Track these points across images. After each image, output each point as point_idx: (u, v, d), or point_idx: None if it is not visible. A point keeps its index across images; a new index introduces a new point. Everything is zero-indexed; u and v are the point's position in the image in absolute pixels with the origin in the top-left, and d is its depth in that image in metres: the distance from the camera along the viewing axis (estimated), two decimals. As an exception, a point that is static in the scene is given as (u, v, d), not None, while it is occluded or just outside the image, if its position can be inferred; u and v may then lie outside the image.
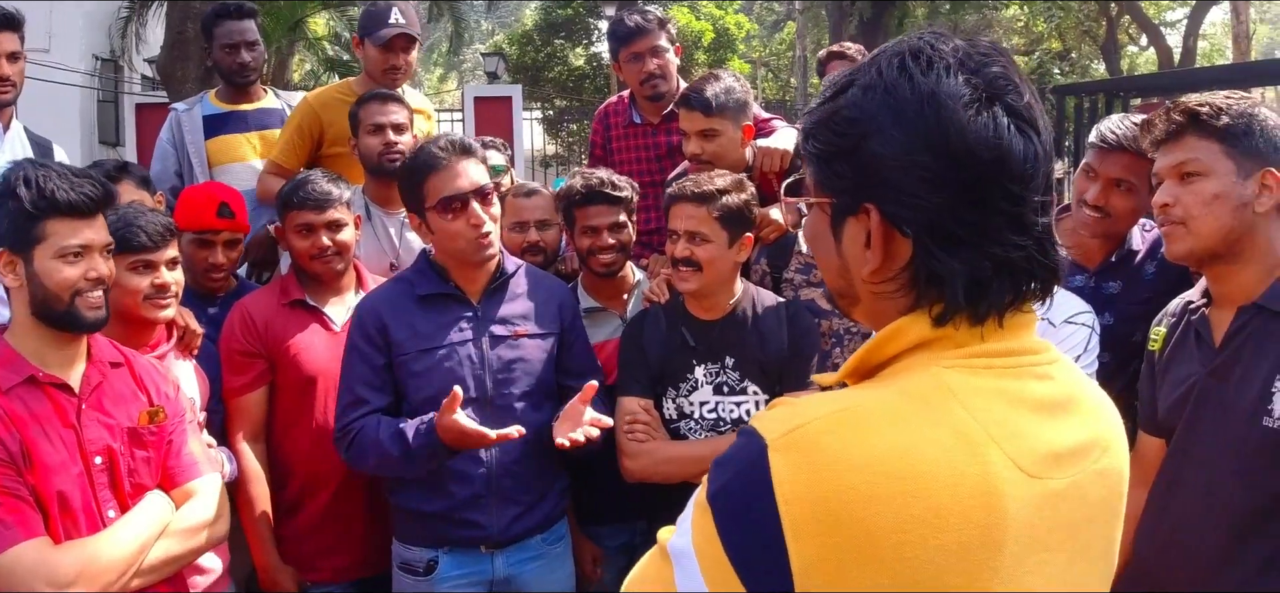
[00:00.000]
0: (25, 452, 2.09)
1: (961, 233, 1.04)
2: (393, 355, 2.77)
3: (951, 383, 1.03)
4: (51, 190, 2.14)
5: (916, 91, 1.04)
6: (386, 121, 3.55)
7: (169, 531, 2.27)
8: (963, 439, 0.99)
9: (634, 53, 3.99)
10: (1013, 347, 1.09)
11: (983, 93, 1.04)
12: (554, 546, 2.92)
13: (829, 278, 1.20)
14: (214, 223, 3.21)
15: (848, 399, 1.03)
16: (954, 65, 1.05)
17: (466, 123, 15.32)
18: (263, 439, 3.08)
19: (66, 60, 13.73)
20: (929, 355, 1.07)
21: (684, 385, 2.92)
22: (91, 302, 2.20)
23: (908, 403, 1.02)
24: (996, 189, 1.03)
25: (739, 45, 25.72)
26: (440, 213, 2.73)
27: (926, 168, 1.03)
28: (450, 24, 19.69)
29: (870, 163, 1.06)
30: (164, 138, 4.30)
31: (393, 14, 3.96)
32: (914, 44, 1.08)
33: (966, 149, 1.02)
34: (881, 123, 1.06)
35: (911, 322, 1.08)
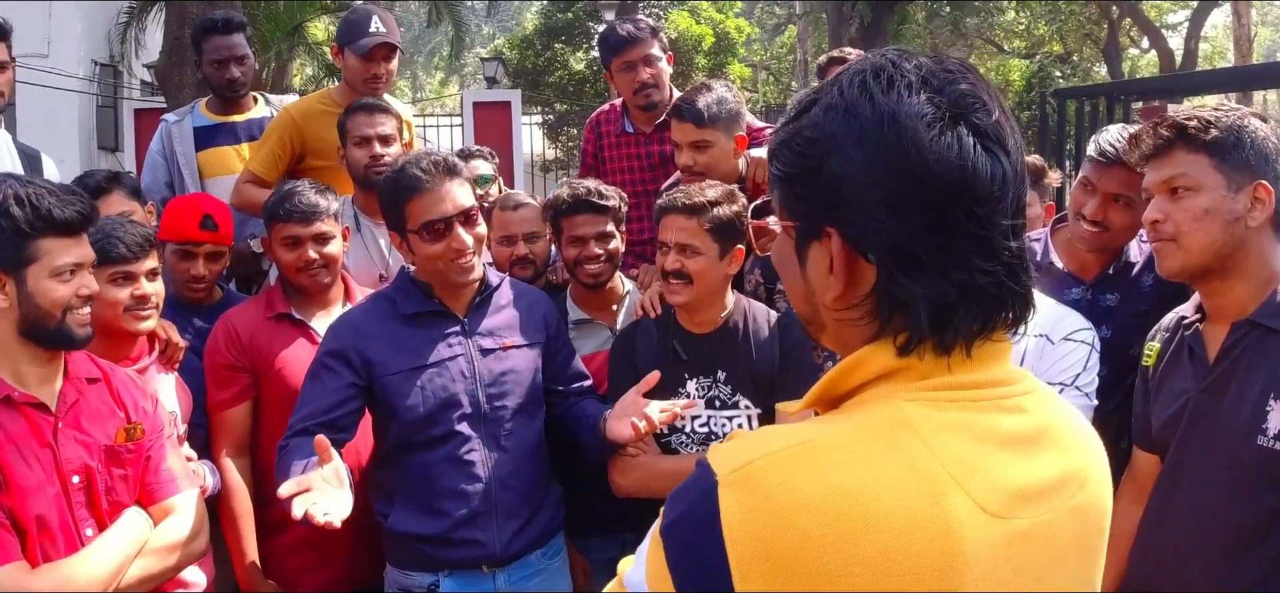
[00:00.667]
0: (1, 475, 2.05)
1: (925, 257, 1.00)
2: (373, 377, 2.68)
3: (913, 417, 0.99)
4: (48, 209, 2.11)
5: (876, 111, 1.01)
6: (373, 133, 3.51)
7: (147, 549, 2.24)
8: (920, 478, 0.95)
9: (626, 62, 3.96)
10: (981, 378, 1.04)
11: (947, 112, 1.00)
12: (553, 560, 2.89)
13: (795, 302, 1.17)
14: (196, 235, 3.17)
15: (803, 434, 0.99)
16: (916, 84, 1.01)
17: (466, 128, 15.30)
18: (247, 454, 3.04)
19: (65, 65, 13.72)
20: (892, 387, 1.03)
21: (675, 399, 2.87)
22: (81, 319, 2.18)
23: (865, 439, 0.98)
24: (961, 211, 0.99)
25: (739, 49, 25.68)
26: (423, 237, 2.66)
27: (887, 189, 1.00)
28: (450, 28, 19.68)
29: (831, 185, 1.03)
30: (154, 148, 4.29)
31: (373, 22, 3.90)
32: (876, 62, 1.04)
33: (928, 170, 0.98)
34: (841, 143, 1.02)
35: (874, 351, 1.04)
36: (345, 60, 3.97)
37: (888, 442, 0.97)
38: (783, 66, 32.37)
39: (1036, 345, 2.53)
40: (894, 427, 0.99)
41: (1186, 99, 20.03)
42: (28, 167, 3.78)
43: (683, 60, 20.80)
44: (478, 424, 2.71)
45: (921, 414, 1.00)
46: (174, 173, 4.19)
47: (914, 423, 0.99)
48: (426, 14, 19.69)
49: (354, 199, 3.64)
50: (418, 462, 2.71)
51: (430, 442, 2.70)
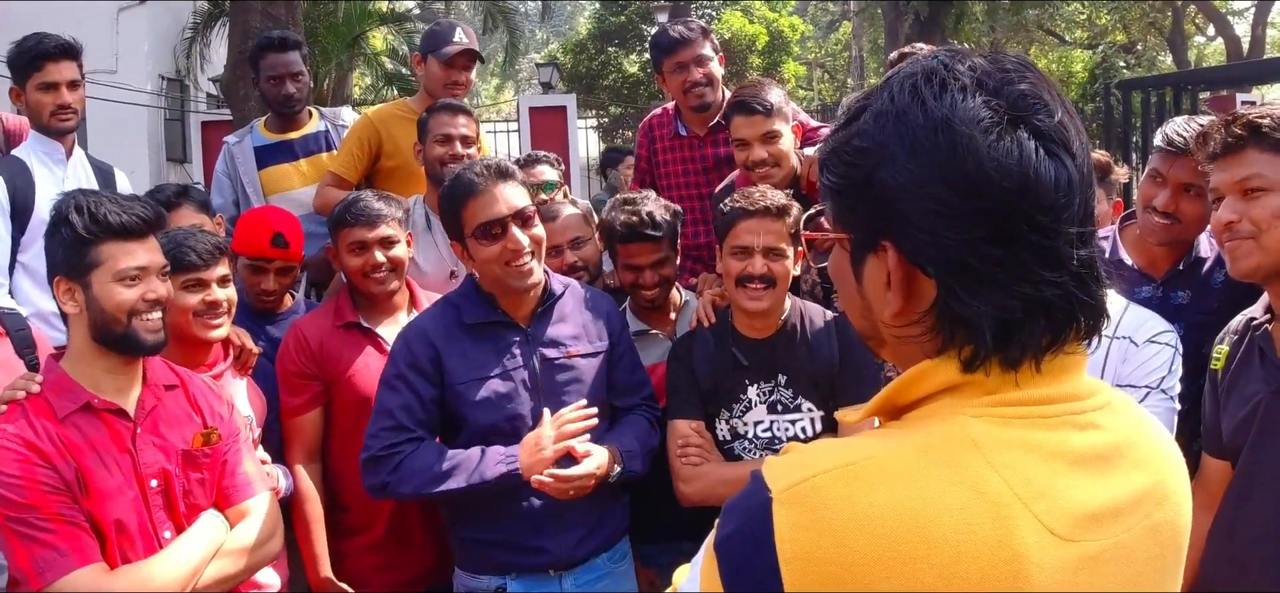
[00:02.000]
0: (81, 479, 2.12)
1: (986, 271, 0.95)
2: (446, 385, 2.72)
3: (977, 435, 0.95)
4: (104, 215, 2.18)
5: (929, 118, 0.96)
6: (455, 133, 3.58)
7: (223, 550, 2.30)
8: (984, 499, 0.91)
9: (678, 63, 3.97)
10: (1052, 393, 0.99)
11: (1005, 115, 0.94)
12: (619, 564, 2.89)
13: (853, 318, 1.13)
14: (268, 251, 3.23)
15: (860, 450, 0.96)
16: (971, 86, 0.96)
17: (522, 133, 15.41)
18: (319, 460, 3.10)
19: (133, 80, 14.04)
20: (956, 401, 0.98)
21: (737, 406, 2.87)
22: (150, 324, 2.23)
23: (926, 457, 0.94)
24: (1023, 221, 0.94)
25: (794, 48, 25.52)
26: (479, 239, 2.70)
27: (942, 201, 0.94)
28: (505, 35, 19.85)
29: (884, 197, 0.98)
30: (219, 170, 4.40)
31: (457, 33, 4.07)
32: (928, 65, 1.00)
33: (986, 179, 0.93)
34: (893, 153, 0.97)
35: (938, 365, 1.00)
36: (427, 67, 4.10)
37: (950, 461, 0.93)
38: (838, 63, 32.11)
39: (1120, 348, 2.47)
40: (957, 445, 0.94)
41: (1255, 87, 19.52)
42: (101, 181, 3.90)
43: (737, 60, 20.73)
44: None
45: (986, 432, 0.95)
46: (239, 192, 4.29)
47: (978, 441, 0.95)
48: (481, 22, 19.86)
49: (426, 198, 3.68)
50: None
51: None
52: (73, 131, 3.85)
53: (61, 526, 2.07)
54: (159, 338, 2.26)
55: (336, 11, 15.92)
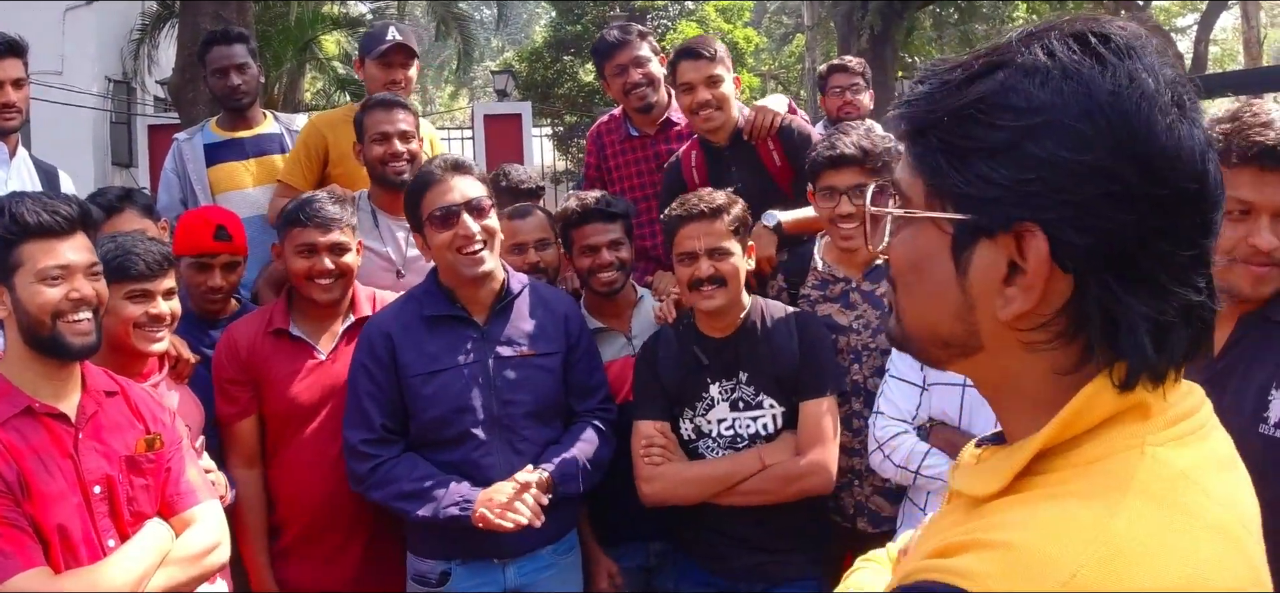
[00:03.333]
0: (24, 483, 2.07)
1: (1150, 267, 0.82)
2: (400, 377, 2.80)
3: (1182, 466, 0.83)
4: (21, 213, 2.13)
5: (1114, 80, 0.81)
6: (392, 130, 3.54)
7: (170, 558, 2.25)
8: (1227, 540, 0.81)
9: (618, 66, 4.00)
10: (1191, 404, 0.89)
11: (1176, 96, 0.83)
12: (565, 556, 2.94)
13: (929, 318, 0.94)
14: (211, 246, 3.18)
15: (1089, 528, 0.78)
16: (1142, 56, 0.84)
17: (476, 141, 15.35)
18: (257, 465, 3.06)
19: (79, 82, 13.81)
20: (1126, 432, 0.85)
21: (700, 405, 2.90)
22: (77, 327, 2.17)
23: (1166, 513, 0.80)
24: (1193, 216, 0.83)
25: (748, 59, 25.71)
26: (434, 226, 2.80)
27: (1120, 179, 0.80)
28: (459, 42, 19.78)
29: (1037, 168, 0.82)
30: (168, 168, 4.32)
31: (390, 31, 4.07)
32: (1090, 23, 0.85)
33: (1170, 162, 0.81)
34: (1061, 115, 0.81)
35: (1097, 392, 0.84)
36: (366, 71, 4.10)
37: (1180, 508, 0.81)
38: (791, 75, 32.38)
39: None
40: (1174, 485, 0.82)
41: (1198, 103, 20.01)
42: (45, 182, 3.82)
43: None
44: (491, 428, 2.80)
45: (1184, 460, 0.84)
46: (186, 190, 4.22)
47: (1187, 473, 0.83)
48: (435, 28, 19.80)
49: (371, 195, 3.65)
50: (436, 461, 2.81)
51: (445, 442, 2.81)
52: (16, 131, 3.76)
53: (5, 529, 2.02)
54: (88, 341, 2.20)
55: (288, 15, 15.76)
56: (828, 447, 2.77)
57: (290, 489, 3.06)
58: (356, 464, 2.81)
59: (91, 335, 2.20)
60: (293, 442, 3.04)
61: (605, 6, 23.22)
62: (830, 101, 5.26)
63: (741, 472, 2.80)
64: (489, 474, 2.75)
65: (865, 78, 5.29)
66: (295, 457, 3.03)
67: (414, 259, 3.58)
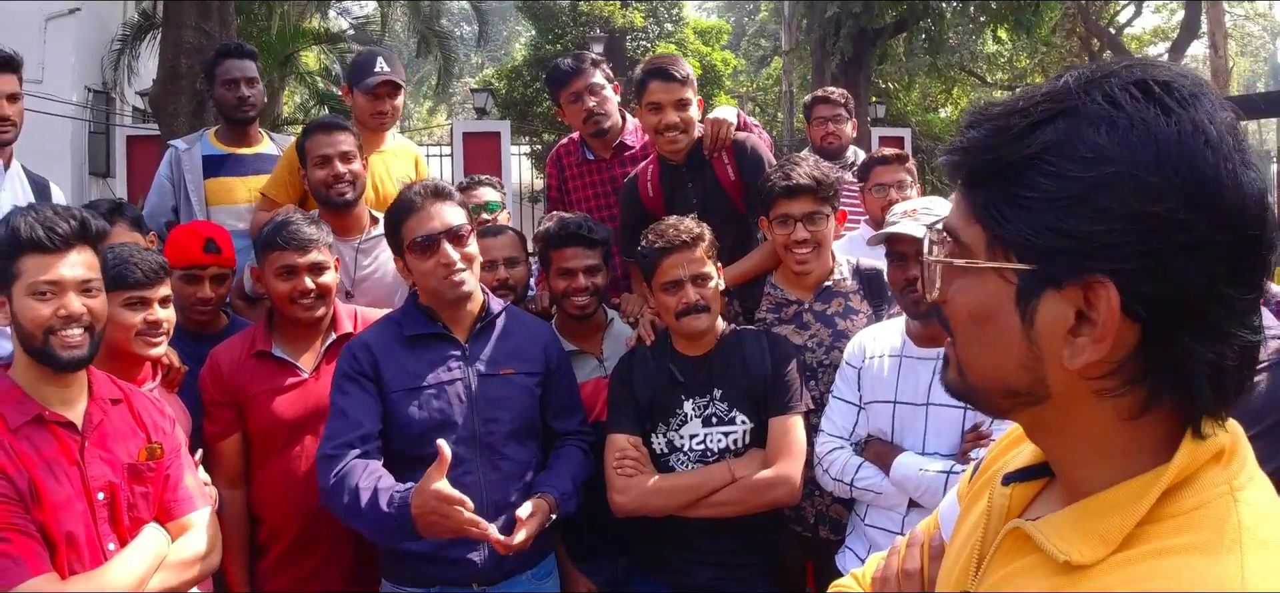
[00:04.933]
0: (34, 490, 2.15)
1: (1214, 313, 0.82)
2: (384, 393, 2.82)
3: (1266, 507, 0.85)
4: (16, 227, 2.20)
5: (1180, 128, 0.81)
6: (334, 152, 3.60)
7: (166, 563, 2.33)
8: None
9: (572, 94, 4.10)
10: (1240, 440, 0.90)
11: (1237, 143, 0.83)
12: (543, 581, 2.97)
13: (994, 370, 0.93)
14: (200, 258, 3.27)
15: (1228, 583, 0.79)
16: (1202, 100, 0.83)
17: (455, 158, 15.41)
18: (240, 486, 3.10)
19: (58, 91, 13.77)
20: (1213, 478, 0.86)
21: (674, 420, 2.99)
22: (67, 340, 2.22)
23: (1276, 557, 0.81)
24: (1255, 260, 0.83)
25: (727, 82, 25.94)
26: (415, 253, 2.83)
27: (1190, 228, 0.80)
28: (439, 58, 19.85)
29: (1107, 220, 0.81)
30: (162, 173, 4.35)
31: (378, 63, 4.13)
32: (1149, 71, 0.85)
33: (1235, 210, 0.81)
34: (1131, 166, 0.81)
35: (1193, 446, 0.86)
36: (354, 98, 4.18)
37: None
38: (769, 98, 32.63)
39: None
40: (1273, 527, 0.83)
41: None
42: (37, 194, 3.87)
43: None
44: (472, 446, 2.81)
45: (1263, 501, 0.85)
46: (180, 198, 4.26)
47: (1271, 514, 0.85)
48: (416, 45, 19.86)
49: (320, 216, 3.67)
50: (413, 480, 2.77)
51: (425, 461, 2.74)
52: (10, 144, 3.83)
53: (15, 535, 2.09)
54: (77, 355, 2.23)
55: (269, 29, 15.79)
56: (795, 460, 2.88)
57: (274, 507, 3.09)
58: (322, 473, 2.74)
59: (82, 349, 2.25)
60: (276, 460, 3.08)
61: (585, 28, 23.37)
62: (814, 131, 5.55)
63: (712, 484, 2.89)
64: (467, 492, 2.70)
65: (847, 108, 5.55)
66: (279, 475, 3.07)
67: (362, 279, 3.68)
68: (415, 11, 20.08)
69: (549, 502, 2.79)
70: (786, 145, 19.81)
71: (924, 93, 26.62)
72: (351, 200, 3.66)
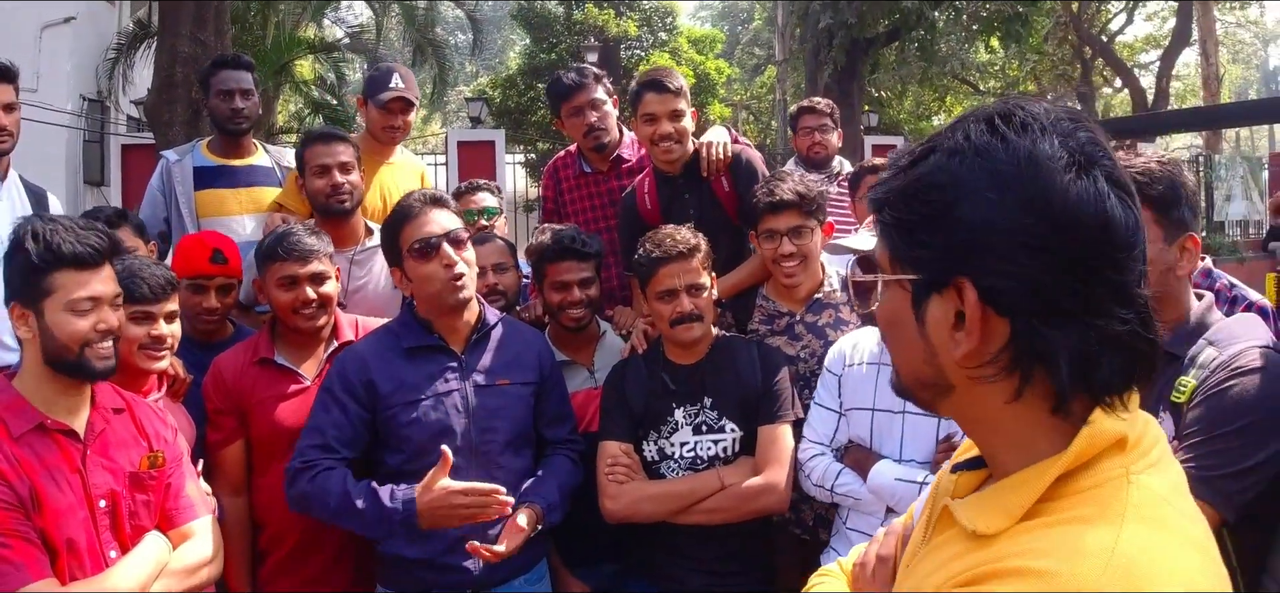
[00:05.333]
0: (35, 497, 2.18)
1: (1066, 304, 0.96)
2: (378, 408, 2.86)
3: (1159, 492, 0.98)
4: (57, 243, 2.23)
5: (1013, 153, 0.98)
6: (333, 162, 3.64)
7: (167, 570, 2.36)
8: (1200, 551, 0.96)
9: (573, 108, 4.17)
10: (1155, 432, 1.04)
11: (1079, 157, 0.97)
12: (536, 585, 3.01)
13: (909, 366, 1.10)
14: (207, 269, 3.30)
15: (1105, 543, 0.92)
16: (1048, 127, 0.99)
17: (450, 166, 15.44)
18: (243, 494, 3.13)
19: (53, 100, 13.78)
20: (1112, 463, 0.99)
21: (665, 427, 3.04)
22: (101, 352, 2.29)
23: (1158, 534, 0.94)
24: (1102, 257, 0.96)
25: (720, 90, 26.02)
26: (414, 258, 2.86)
27: (1029, 233, 0.96)
28: (435, 67, 19.89)
29: (962, 231, 0.99)
30: (154, 185, 4.36)
31: (393, 79, 4.20)
32: (1001, 107, 1.02)
33: (1069, 214, 0.95)
34: (973, 187, 0.98)
35: (1097, 431, 0.99)
36: (368, 112, 4.26)
37: (1168, 527, 0.95)
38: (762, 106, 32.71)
39: None
40: (1160, 510, 0.96)
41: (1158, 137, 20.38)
42: (35, 204, 3.88)
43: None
44: (468, 455, 2.85)
45: (1159, 486, 0.98)
46: (172, 210, 4.26)
47: (1166, 497, 0.97)
48: (410, 53, 19.89)
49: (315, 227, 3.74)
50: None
51: (423, 471, 2.82)
52: (7, 154, 3.83)
53: (16, 541, 2.12)
54: (109, 365, 2.31)
55: (265, 38, 15.82)
56: (783, 469, 2.93)
57: (276, 514, 3.11)
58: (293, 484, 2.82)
59: (112, 359, 2.33)
60: (278, 467, 3.07)
61: (579, 37, 23.43)
62: (800, 141, 5.58)
63: (702, 490, 2.94)
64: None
65: (833, 118, 5.58)
66: (281, 482, 3.04)
67: (355, 291, 3.71)
68: (410, 20, 20.14)
69: (535, 511, 2.84)
70: (780, 154, 19.86)
71: (917, 101, 26.72)
72: (349, 210, 3.70)
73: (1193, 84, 34.16)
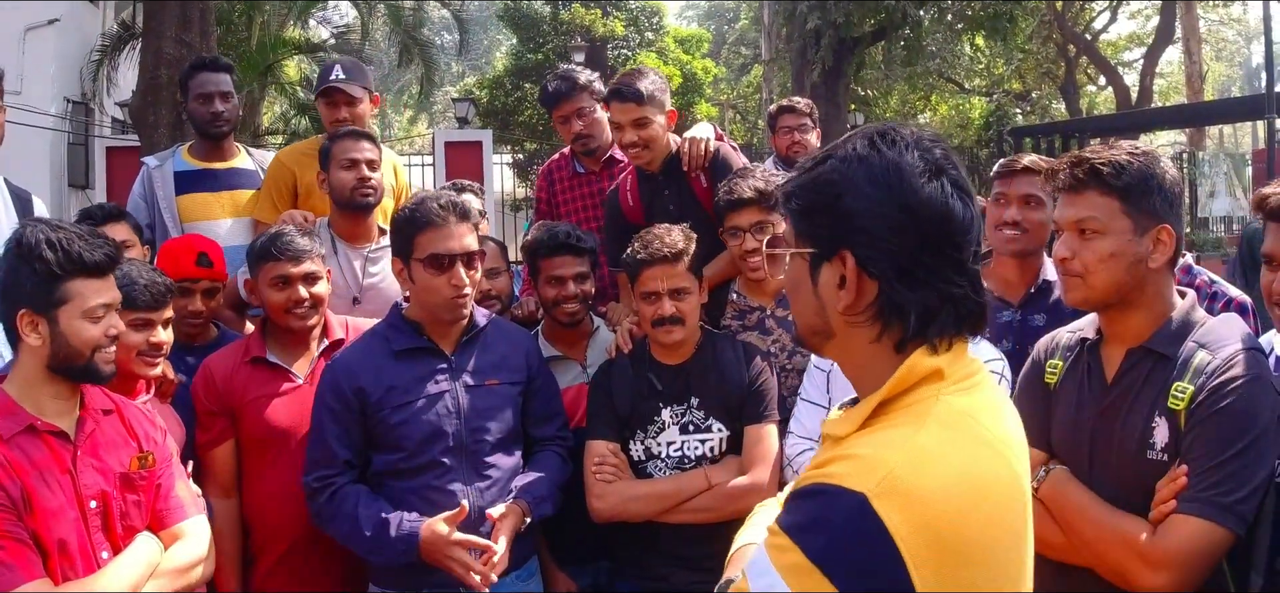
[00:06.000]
0: (26, 498, 2.19)
1: (919, 273, 1.31)
2: (370, 413, 2.88)
3: (963, 407, 1.29)
4: (78, 252, 2.26)
5: (883, 161, 1.32)
6: (360, 158, 3.67)
7: (159, 570, 2.37)
8: (992, 450, 1.28)
9: (562, 115, 4.24)
10: (970, 367, 1.35)
11: (932, 166, 1.32)
12: (527, 582, 3.03)
13: (805, 318, 1.44)
14: (193, 271, 3.31)
15: (909, 440, 1.24)
16: (911, 144, 1.33)
17: (437, 166, 15.43)
18: (233, 495, 3.14)
19: (37, 102, 13.71)
20: (931, 388, 1.30)
21: (652, 427, 3.06)
22: (107, 357, 2.33)
23: (951, 433, 1.26)
24: (945, 239, 1.31)
25: (707, 90, 26.06)
26: (427, 267, 2.86)
27: (893, 220, 1.30)
28: (421, 67, 19.86)
29: (846, 216, 1.32)
30: (136, 192, 4.34)
31: (334, 71, 4.20)
32: (879, 128, 1.37)
33: (922, 206, 1.30)
34: (856, 184, 1.32)
35: (916, 362, 1.31)
36: (320, 106, 4.27)
37: (965, 431, 1.27)
38: (749, 105, 32.77)
39: None
40: (959, 418, 1.28)
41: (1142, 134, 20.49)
42: (20, 208, 3.84)
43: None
44: (459, 455, 2.88)
45: (966, 403, 1.30)
46: (155, 216, 4.24)
47: (967, 411, 1.29)
48: (397, 53, 19.87)
49: (330, 222, 3.78)
50: (402, 488, 2.89)
51: (415, 470, 2.88)
52: None
53: (8, 542, 2.13)
54: (112, 369, 2.36)
55: (250, 40, 15.77)
56: (769, 467, 2.97)
57: (267, 515, 3.13)
58: (312, 501, 2.90)
59: (113, 363, 2.36)
60: (269, 468, 3.12)
61: (566, 37, 23.43)
62: (780, 140, 5.59)
63: (688, 490, 2.97)
64: (455, 498, 2.83)
65: (812, 118, 5.60)
66: (272, 482, 3.11)
67: (369, 286, 3.73)
68: (396, 20, 20.10)
69: (522, 507, 2.87)
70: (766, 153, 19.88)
71: (902, 101, 26.81)
72: (372, 206, 3.73)
73: (1176, 81, 34.34)
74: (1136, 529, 2.06)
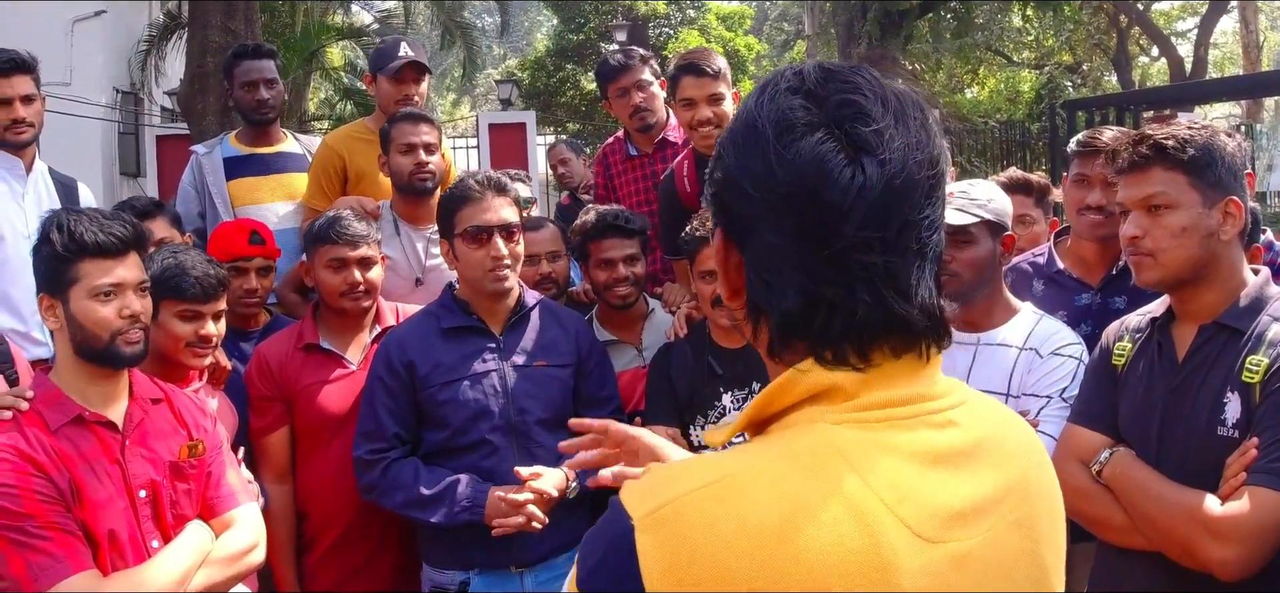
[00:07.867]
0: (74, 489, 2.18)
1: (770, 261, 0.99)
2: (418, 389, 2.90)
3: (841, 442, 0.95)
4: (81, 233, 2.24)
5: (745, 119, 1.02)
6: (418, 141, 3.66)
7: (210, 559, 2.35)
8: (850, 507, 0.90)
9: (620, 89, 4.17)
10: (906, 394, 0.99)
11: (816, 119, 0.97)
12: None
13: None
14: (246, 250, 3.36)
15: (722, 467, 0.95)
16: (792, 89, 1.00)
17: (481, 149, 15.45)
18: (288, 480, 3.17)
19: (87, 93, 13.88)
20: (818, 410, 0.98)
21: (711, 412, 3.02)
22: (129, 338, 2.29)
23: (790, 469, 0.93)
24: (806, 220, 0.96)
25: (749, 67, 25.85)
26: (466, 241, 2.91)
27: (742, 193, 1.00)
28: (462, 50, 19.88)
29: (718, 185, 1.05)
30: (186, 181, 4.39)
31: (402, 48, 4.16)
32: (775, 73, 1.05)
33: (771, 175, 0.97)
34: (724, 147, 1.05)
35: (800, 373, 0.99)
36: (378, 86, 4.20)
37: (814, 470, 0.93)
38: (793, 82, 32.48)
39: (1026, 359, 2.62)
40: (822, 453, 0.94)
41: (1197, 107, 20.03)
42: (63, 195, 3.89)
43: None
44: (508, 435, 2.91)
45: (850, 438, 0.95)
46: (206, 203, 4.29)
47: (843, 448, 0.94)
48: (439, 37, 19.90)
49: (393, 205, 3.78)
50: (452, 467, 2.90)
51: (464, 449, 2.91)
52: (30, 145, 3.82)
53: (56, 534, 2.12)
54: (137, 351, 2.32)
55: (294, 26, 15.87)
56: None
57: (321, 501, 3.15)
58: (364, 474, 2.93)
59: (139, 345, 2.32)
60: (323, 454, 3.14)
61: (607, 16, 23.34)
62: None
63: None
64: (504, 479, 2.84)
65: None
66: (326, 468, 3.13)
67: (432, 268, 3.71)
68: (438, 4, 20.13)
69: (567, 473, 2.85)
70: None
71: (950, 74, 26.41)
72: (432, 189, 3.72)
73: (1232, 52, 33.49)
74: (1203, 503, 2.00)
